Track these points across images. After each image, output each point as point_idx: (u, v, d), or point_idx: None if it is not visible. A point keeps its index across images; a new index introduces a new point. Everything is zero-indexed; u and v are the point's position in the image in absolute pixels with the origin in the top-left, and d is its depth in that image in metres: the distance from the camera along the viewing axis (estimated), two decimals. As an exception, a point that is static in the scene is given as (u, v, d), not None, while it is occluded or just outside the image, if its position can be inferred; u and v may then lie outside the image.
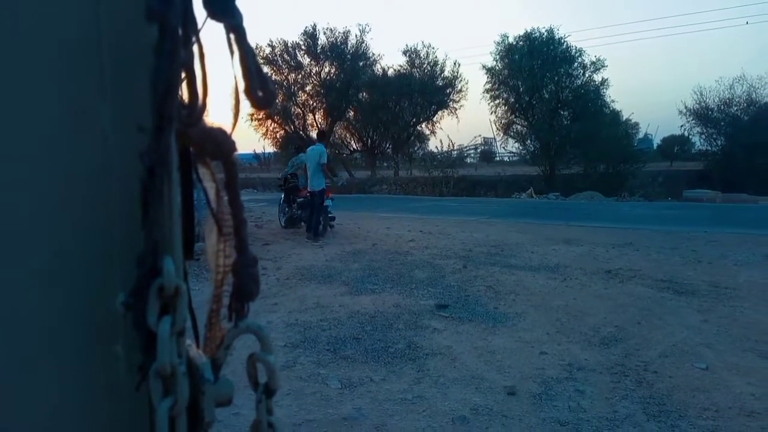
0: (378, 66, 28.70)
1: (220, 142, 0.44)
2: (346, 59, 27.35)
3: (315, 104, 28.50)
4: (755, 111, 25.25)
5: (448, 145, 26.98)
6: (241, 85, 0.44)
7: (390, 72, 28.80)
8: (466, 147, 31.08)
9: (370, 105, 27.99)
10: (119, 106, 0.43)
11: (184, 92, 0.43)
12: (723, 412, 3.02)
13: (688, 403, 3.11)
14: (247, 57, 0.42)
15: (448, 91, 28.67)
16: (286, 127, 28.45)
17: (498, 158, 40.54)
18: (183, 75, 0.42)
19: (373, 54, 28.34)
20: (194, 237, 0.50)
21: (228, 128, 0.46)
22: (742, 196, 17.87)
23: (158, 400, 0.42)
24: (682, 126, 28.87)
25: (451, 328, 4.53)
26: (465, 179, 24.12)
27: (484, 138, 33.18)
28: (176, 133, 0.42)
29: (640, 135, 34.93)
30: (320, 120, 28.98)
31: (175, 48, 0.38)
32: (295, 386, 3.40)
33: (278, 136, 28.95)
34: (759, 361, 3.74)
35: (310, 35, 27.43)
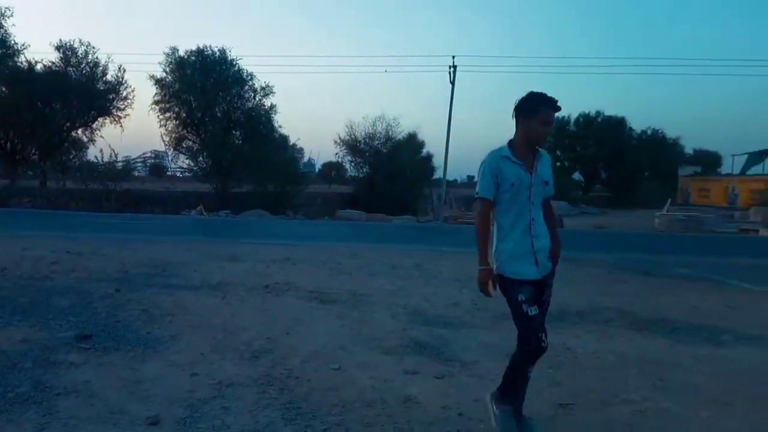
0: (22, 57, 24.62)
1: None
2: (-25, 43, 22.46)
3: None
4: (392, 145, 30.64)
5: (110, 155, 24.52)
6: None
7: (39, 67, 25.05)
8: (133, 159, 28.88)
9: (11, 102, 23.71)
10: None
11: None
12: (348, 405, 3.44)
13: (321, 403, 3.45)
14: None
15: (111, 97, 26.36)
16: None
17: (170, 173, 38.75)
18: None
19: (16, 43, 24.24)
20: None
21: None
22: (381, 216, 21.60)
23: None
24: (336, 154, 33.07)
25: (92, 361, 4.05)
26: (130, 193, 22.34)
27: (156, 151, 31.30)
28: None
29: (305, 159, 38.47)
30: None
31: None
32: None
33: None
34: (381, 357, 4.42)
35: None
